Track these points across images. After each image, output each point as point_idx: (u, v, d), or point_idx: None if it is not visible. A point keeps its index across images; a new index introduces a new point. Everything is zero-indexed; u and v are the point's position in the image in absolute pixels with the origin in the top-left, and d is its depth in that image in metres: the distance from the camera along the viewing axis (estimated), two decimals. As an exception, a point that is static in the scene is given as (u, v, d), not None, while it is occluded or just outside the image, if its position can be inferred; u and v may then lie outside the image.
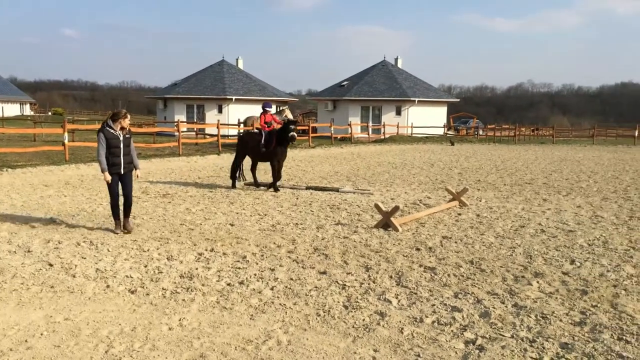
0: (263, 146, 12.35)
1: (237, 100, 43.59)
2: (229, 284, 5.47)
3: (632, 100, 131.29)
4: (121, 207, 7.81)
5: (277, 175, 12.33)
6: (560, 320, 4.54)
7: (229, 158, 22.12)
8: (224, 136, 30.21)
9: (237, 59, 50.24)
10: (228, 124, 34.89)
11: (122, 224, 7.81)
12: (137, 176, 8.00)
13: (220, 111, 43.57)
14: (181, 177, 14.88)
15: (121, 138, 7.60)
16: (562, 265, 6.27)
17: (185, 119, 42.04)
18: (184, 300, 4.99)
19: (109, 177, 7.62)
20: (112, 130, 7.56)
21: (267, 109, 13.09)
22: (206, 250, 6.81)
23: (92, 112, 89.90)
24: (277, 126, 12.81)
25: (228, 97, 43.29)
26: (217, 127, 25.96)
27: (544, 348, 4.00)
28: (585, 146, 36.28)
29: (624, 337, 4.19)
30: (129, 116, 7.86)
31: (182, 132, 25.66)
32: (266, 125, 12.75)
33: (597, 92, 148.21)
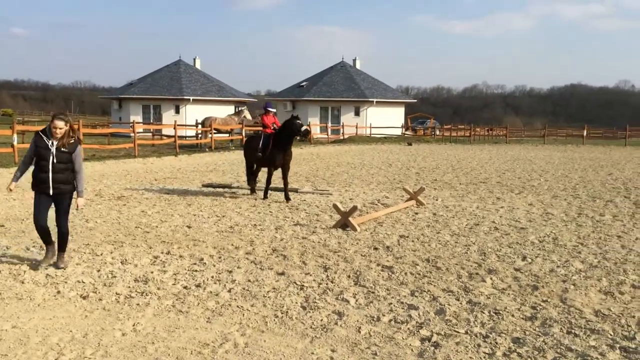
0: (260, 151, 11.14)
1: (195, 101, 43.02)
2: (185, 287, 5.38)
3: (581, 101, 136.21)
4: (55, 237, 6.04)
5: (282, 181, 11.14)
6: (512, 316, 4.66)
7: (186, 159, 21.84)
8: (181, 137, 29.77)
9: (194, 59, 49.61)
10: (186, 125, 34.39)
11: (54, 254, 6.05)
12: (77, 206, 6.06)
13: (177, 112, 42.90)
14: (137, 179, 14.58)
15: (52, 150, 5.75)
16: (515, 261, 6.44)
17: (141, 120, 41.20)
18: (138, 304, 4.89)
19: (12, 186, 6.13)
20: (44, 138, 5.80)
21: (269, 109, 11.73)
22: (162, 253, 6.69)
23: (43, 113, 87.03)
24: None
25: (185, 97, 42.68)
26: (174, 128, 25.53)
27: (496, 343, 4.10)
28: (536, 146, 37.40)
29: (573, 331, 4.33)
30: (62, 121, 5.76)
31: (138, 133, 25.12)
32: (269, 128, 11.40)
33: (547, 93, 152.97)
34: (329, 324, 4.48)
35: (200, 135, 29.85)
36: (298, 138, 11.48)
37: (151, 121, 41.21)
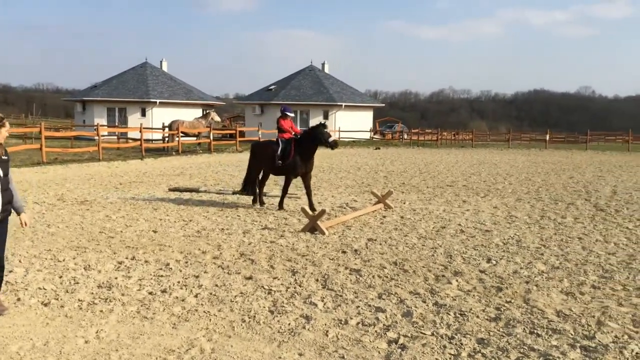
0: (279, 158, 10.22)
1: (162, 104, 42.47)
2: (150, 293, 5.30)
3: (544, 107, 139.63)
4: None
5: (283, 189, 10.53)
6: (477, 317, 4.73)
7: (153, 163, 21.53)
8: (147, 140, 29.35)
9: (161, 61, 48.99)
10: (152, 128, 33.90)
11: None
12: (25, 224, 4.78)
13: (143, 115, 42.27)
14: (101, 183, 14.30)
15: None
16: (480, 263, 6.55)
17: (106, 123, 40.43)
18: (101, 311, 4.78)
19: None
20: None
21: (288, 113, 10.74)
22: (127, 258, 6.57)
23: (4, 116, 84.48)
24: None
25: (152, 100, 42.09)
26: (140, 131, 25.16)
27: (461, 344, 4.15)
28: (501, 150, 38.16)
29: (535, 331, 4.42)
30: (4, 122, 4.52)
31: (103, 136, 24.67)
32: (287, 132, 10.56)
33: (512, 98, 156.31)
34: (297, 327, 4.47)
35: (167, 139, 29.48)
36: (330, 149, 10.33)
37: (116, 124, 40.47)
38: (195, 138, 30.09)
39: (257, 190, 10.82)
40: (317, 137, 10.09)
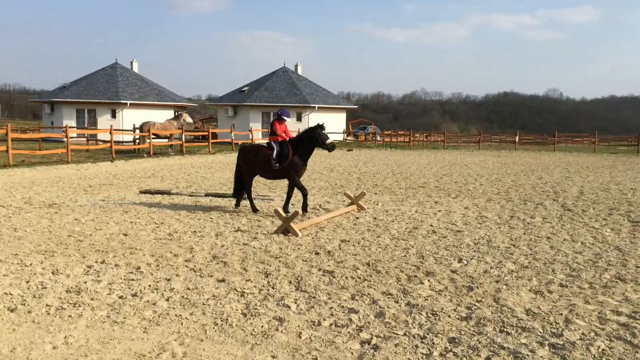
0: (276, 161, 9.85)
1: (132, 105, 41.92)
2: (120, 297, 5.22)
3: (513, 109, 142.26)
4: None
5: (300, 193, 10.02)
6: (449, 316, 4.79)
7: (123, 165, 21.21)
8: (118, 142, 28.91)
9: (131, 62, 48.33)
10: (122, 130, 33.42)
11: None
12: None
13: (113, 116, 41.66)
14: (70, 186, 14.03)
15: None
16: (451, 263, 6.63)
17: (75, 124, 39.70)
18: (70, 316, 4.69)
19: None
20: None
21: (285, 117, 10.25)
22: (96, 262, 6.45)
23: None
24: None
25: (122, 101, 41.51)
26: (110, 133, 24.77)
27: (433, 344, 4.20)
28: (472, 151, 38.71)
29: (505, 329, 4.50)
30: None
31: (72, 138, 24.19)
32: (279, 136, 10.11)
33: (482, 100, 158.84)
34: (270, 330, 4.46)
35: (138, 141, 29.08)
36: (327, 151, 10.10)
37: (85, 126, 39.78)
38: (166, 140, 29.76)
39: (249, 196, 10.43)
40: (315, 139, 9.87)
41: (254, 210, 10.28)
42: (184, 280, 5.77)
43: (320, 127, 9.95)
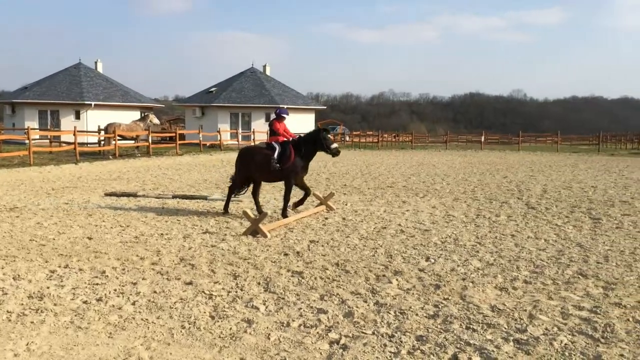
0: (276, 162, 9.52)
1: (97, 106, 41.07)
2: (85, 302, 5.11)
3: (479, 109, 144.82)
4: None
5: (284, 196, 9.84)
6: (416, 315, 4.84)
7: (88, 168, 20.78)
8: (82, 144, 28.31)
9: (95, 62, 47.33)
10: (87, 131, 32.73)
11: None
12: None
13: (77, 117, 40.73)
14: (32, 189, 13.67)
15: None
16: (419, 262, 6.70)
17: (37, 126, 38.69)
18: (32, 322, 4.57)
19: None
20: None
21: (284, 115, 10.03)
22: (59, 267, 6.30)
23: None
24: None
25: (86, 102, 40.64)
26: (74, 135, 24.20)
27: (401, 342, 4.24)
28: (439, 151, 39.23)
29: (471, 326, 4.57)
30: None
31: (34, 139, 23.59)
32: (281, 135, 9.84)
33: (449, 101, 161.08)
34: (238, 332, 4.43)
35: (103, 142, 28.53)
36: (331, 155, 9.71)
37: (48, 127, 38.80)
38: (133, 141, 29.28)
39: (229, 196, 10.27)
40: (320, 142, 9.61)
41: (225, 211, 10.14)
42: (151, 284, 5.69)
43: (325, 130, 9.75)
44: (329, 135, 9.73)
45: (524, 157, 31.75)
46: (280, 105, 53.63)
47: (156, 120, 30.40)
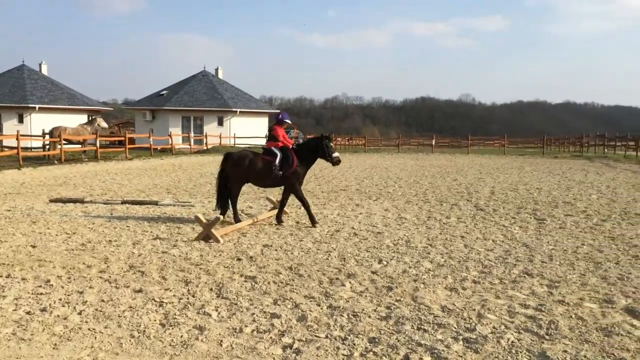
0: (278, 168, 9.31)
1: (42, 109, 39.70)
2: (28, 313, 4.91)
3: (430, 113, 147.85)
4: None
5: (302, 203, 9.59)
6: (369, 317, 4.88)
7: (31, 173, 20.01)
8: (25, 149, 27.26)
9: (40, 64, 45.73)
10: (31, 135, 31.55)
11: None
12: None
13: (20, 121, 39.26)
14: (-29, 196, 13.04)
15: None
16: (372, 265, 6.76)
17: (-23, 130, 37.02)
18: (-30, 336, 4.35)
19: None
20: None
21: (286, 120, 9.89)
22: (1, 276, 6.04)
23: None
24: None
25: (30, 105, 39.21)
26: (17, 139, 23.27)
27: (354, 344, 4.26)
28: (392, 154, 39.79)
29: (422, 327, 4.65)
30: None
31: (-27, 144, 22.54)
32: (281, 142, 9.60)
33: (401, 105, 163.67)
34: (190, 339, 4.35)
35: (48, 147, 27.54)
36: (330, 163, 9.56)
37: (-11, 131, 37.20)
38: (80, 145, 28.40)
39: (234, 207, 9.59)
40: (321, 150, 9.48)
41: (237, 221, 9.34)
42: (98, 292, 5.52)
43: (327, 137, 9.57)
44: (331, 144, 9.59)
45: (473, 160, 32.58)
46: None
47: (104, 124, 29.59)
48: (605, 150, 40.39)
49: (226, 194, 9.64)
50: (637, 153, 33.41)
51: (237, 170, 9.52)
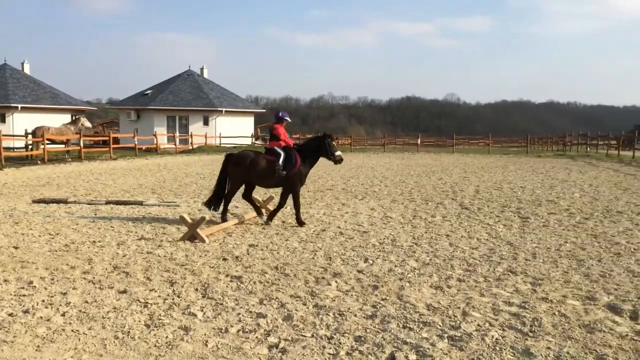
0: (281, 168, 9.26)
1: (24, 109, 39.21)
2: (10, 315, 4.85)
3: (415, 112, 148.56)
4: None
5: (294, 203, 9.56)
6: (355, 316, 4.89)
7: (14, 173, 19.76)
8: (7, 149, 26.91)
9: (22, 63, 45.16)
10: (13, 135, 31.15)
11: None
12: None
13: (3, 121, 38.74)
14: (-48, 197, 12.84)
15: None
16: (358, 264, 6.78)
17: (-43, 129, 36.46)
18: (-49, 339, 4.29)
19: None
20: None
21: (286, 118, 9.89)
22: (-18, 278, 5.95)
23: None
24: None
25: (12, 105, 38.71)
26: (-1, 139, 22.94)
27: (340, 343, 4.27)
28: (378, 154, 39.89)
29: (408, 325, 4.67)
30: None
31: (-47, 144, 22.17)
32: (283, 141, 9.55)
33: (387, 104, 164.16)
34: (175, 340, 4.33)
35: (30, 147, 27.21)
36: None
37: (-30, 131, 36.66)
38: (63, 145, 28.09)
39: (226, 204, 9.67)
40: (324, 149, 9.42)
41: (224, 220, 9.43)
42: (82, 294, 5.47)
43: (329, 136, 9.54)
44: (334, 143, 9.57)
45: (458, 159, 32.78)
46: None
47: (88, 124, 29.29)
48: (588, 149, 40.88)
49: (221, 193, 9.64)
50: (618, 152, 33.86)
51: (238, 170, 9.49)
